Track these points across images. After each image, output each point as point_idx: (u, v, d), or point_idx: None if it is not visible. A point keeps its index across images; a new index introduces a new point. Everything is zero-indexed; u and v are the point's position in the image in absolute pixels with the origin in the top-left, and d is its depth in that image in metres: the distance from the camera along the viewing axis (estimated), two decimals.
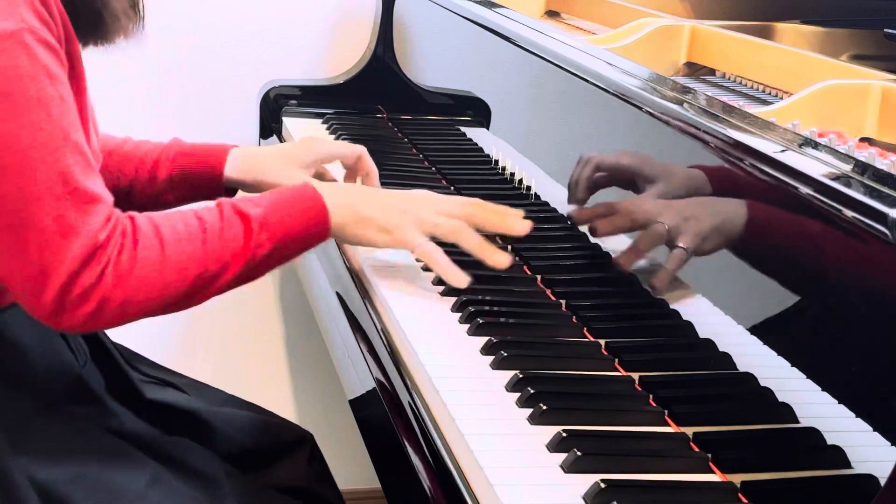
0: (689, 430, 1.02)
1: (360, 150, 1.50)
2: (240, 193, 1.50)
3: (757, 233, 1.05)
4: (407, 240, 1.28)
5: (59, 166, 1.10)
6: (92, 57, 1.27)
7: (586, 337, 1.21)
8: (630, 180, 1.30)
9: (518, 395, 1.08)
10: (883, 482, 0.83)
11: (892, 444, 0.84)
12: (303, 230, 1.23)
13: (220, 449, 1.38)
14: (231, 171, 1.46)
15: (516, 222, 1.32)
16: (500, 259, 1.29)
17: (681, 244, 1.16)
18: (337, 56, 2.27)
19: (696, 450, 1.00)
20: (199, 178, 1.46)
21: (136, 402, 1.38)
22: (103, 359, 1.35)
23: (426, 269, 1.36)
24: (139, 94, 2.19)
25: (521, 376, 1.10)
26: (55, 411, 1.23)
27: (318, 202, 1.24)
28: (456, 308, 1.26)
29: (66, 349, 1.28)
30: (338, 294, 1.41)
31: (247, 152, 1.49)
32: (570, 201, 1.41)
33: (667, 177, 1.22)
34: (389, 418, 1.14)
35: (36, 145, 1.09)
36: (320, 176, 1.52)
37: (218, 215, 1.20)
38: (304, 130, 2.02)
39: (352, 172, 1.52)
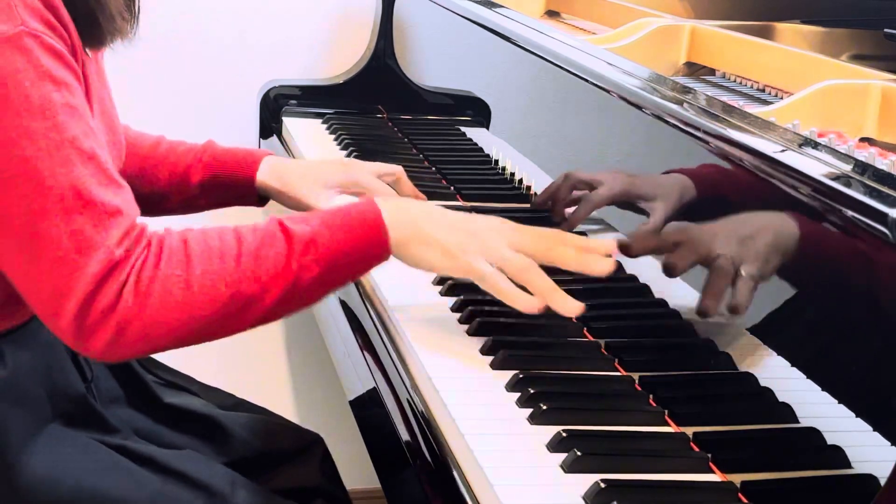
0: (689, 430, 1.02)
1: (391, 189, 1.48)
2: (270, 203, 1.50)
3: (756, 233, 1.05)
4: (474, 267, 1.13)
5: (70, 177, 1.02)
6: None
7: (586, 337, 1.21)
8: (628, 196, 1.30)
9: (518, 395, 1.08)
10: (883, 482, 0.83)
11: (892, 444, 0.84)
12: (358, 250, 1.11)
13: (236, 452, 1.38)
14: (263, 178, 1.46)
15: (598, 263, 1.15)
16: (571, 306, 1.13)
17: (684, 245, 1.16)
18: (337, 56, 2.27)
19: (696, 450, 1.00)
20: (232, 183, 1.46)
21: (154, 407, 1.37)
22: (120, 365, 1.34)
23: None
24: (139, 94, 2.18)
25: (521, 376, 1.09)
26: (56, 431, 1.20)
27: (376, 218, 1.12)
28: (456, 308, 1.26)
29: (72, 367, 1.24)
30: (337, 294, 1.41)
31: (280, 162, 1.48)
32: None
33: (663, 182, 1.22)
34: (389, 418, 1.14)
35: (41, 155, 1.01)
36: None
37: (260, 232, 1.09)
38: (304, 130, 2.02)
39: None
